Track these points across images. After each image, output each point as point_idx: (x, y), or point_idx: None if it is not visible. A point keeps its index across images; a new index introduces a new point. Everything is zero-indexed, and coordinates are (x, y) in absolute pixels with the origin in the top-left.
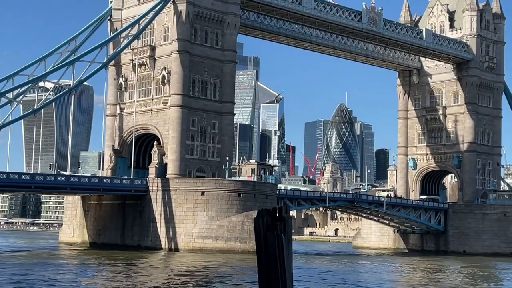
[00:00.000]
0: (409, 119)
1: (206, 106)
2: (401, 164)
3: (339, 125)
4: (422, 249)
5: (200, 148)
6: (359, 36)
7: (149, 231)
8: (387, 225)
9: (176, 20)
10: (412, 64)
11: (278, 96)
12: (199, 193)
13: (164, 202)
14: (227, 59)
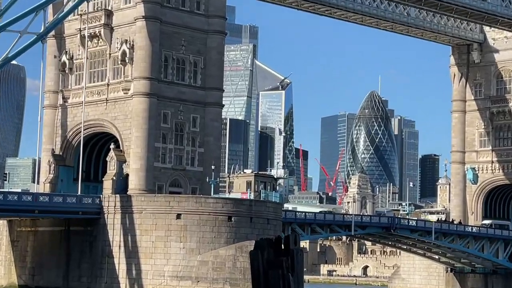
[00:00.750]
0: (467, 113)
1: (184, 95)
2: (456, 176)
3: (370, 121)
4: None
5: (175, 153)
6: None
7: (103, 269)
8: (437, 261)
9: None
10: (472, 36)
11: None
12: (174, 216)
13: (125, 228)
14: (212, 29)
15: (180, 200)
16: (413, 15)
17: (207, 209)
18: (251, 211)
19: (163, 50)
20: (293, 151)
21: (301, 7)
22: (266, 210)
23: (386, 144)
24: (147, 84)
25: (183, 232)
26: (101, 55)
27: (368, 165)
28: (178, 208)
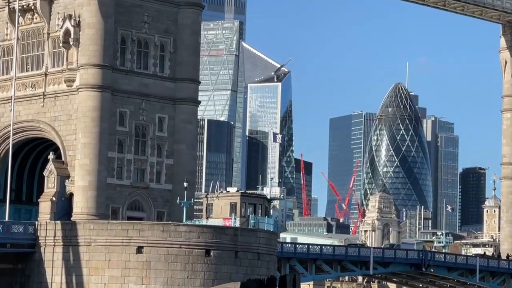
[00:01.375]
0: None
1: (147, 88)
2: (509, 196)
3: (394, 123)
4: None
5: (136, 166)
6: None
7: None
8: None
9: None
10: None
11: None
12: (133, 250)
13: (68, 266)
14: (185, 1)
15: (142, 229)
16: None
17: (177, 240)
18: (236, 243)
19: (119, 28)
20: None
21: None
22: (256, 242)
23: (415, 154)
24: (98, 74)
25: (145, 271)
26: (36, 35)
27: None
28: (139, 239)
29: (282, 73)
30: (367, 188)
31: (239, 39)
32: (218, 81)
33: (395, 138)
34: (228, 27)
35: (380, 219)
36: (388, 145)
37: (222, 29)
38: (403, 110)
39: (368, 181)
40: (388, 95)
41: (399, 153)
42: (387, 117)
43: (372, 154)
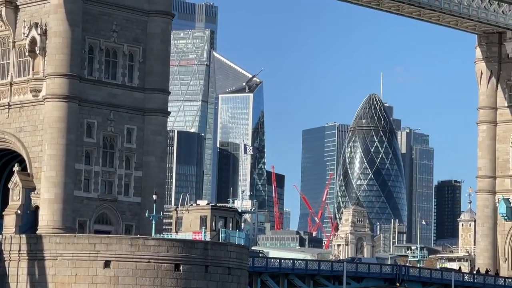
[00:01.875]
0: (498, 125)
1: (116, 98)
2: (484, 209)
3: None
4: None
5: (104, 178)
6: None
7: None
8: None
9: None
10: (505, 22)
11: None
12: (101, 264)
13: (33, 281)
14: (155, 9)
15: (110, 243)
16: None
17: (146, 254)
18: (206, 257)
19: (87, 37)
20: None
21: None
22: (227, 256)
23: (390, 167)
24: (65, 84)
25: (113, 286)
26: (1, 44)
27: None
28: (107, 253)
29: (254, 83)
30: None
31: (210, 49)
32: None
33: (369, 150)
34: (199, 36)
35: (353, 233)
36: (362, 158)
37: (193, 38)
38: (377, 121)
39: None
40: (362, 106)
41: (373, 165)
42: (361, 128)
43: (345, 167)
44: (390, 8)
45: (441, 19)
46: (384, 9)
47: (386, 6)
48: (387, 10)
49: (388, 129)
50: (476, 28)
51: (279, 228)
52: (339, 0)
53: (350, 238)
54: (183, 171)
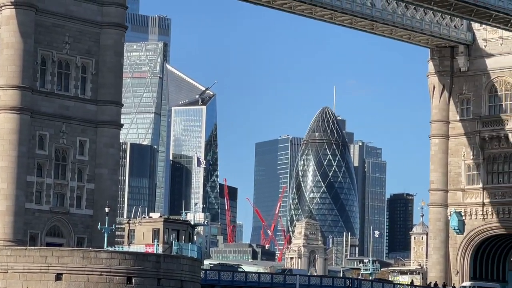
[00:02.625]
0: (450, 139)
1: (68, 110)
2: (436, 223)
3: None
4: None
5: (56, 191)
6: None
7: None
8: None
9: None
10: (457, 36)
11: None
12: (52, 277)
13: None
14: (108, 21)
15: (61, 255)
16: (379, 7)
17: (98, 267)
18: (158, 270)
19: (39, 49)
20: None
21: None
22: (180, 269)
23: (343, 180)
24: (17, 96)
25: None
26: None
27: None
28: (58, 266)
29: (207, 96)
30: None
31: (163, 61)
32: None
33: (322, 163)
34: (152, 48)
35: (306, 245)
36: (315, 170)
37: (146, 51)
38: (330, 134)
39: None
40: (315, 120)
41: (326, 178)
42: (314, 142)
43: (298, 180)
44: (343, 22)
45: (394, 33)
46: (337, 23)
47: (339, 20)
48: (341, 24)
49: (341, 142)
50: (428, 42)
51: (231, 241)
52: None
53: (302, 251)
54: (136, 183)
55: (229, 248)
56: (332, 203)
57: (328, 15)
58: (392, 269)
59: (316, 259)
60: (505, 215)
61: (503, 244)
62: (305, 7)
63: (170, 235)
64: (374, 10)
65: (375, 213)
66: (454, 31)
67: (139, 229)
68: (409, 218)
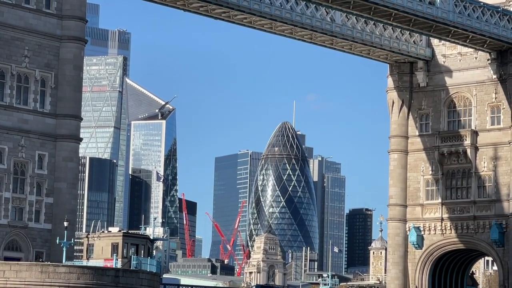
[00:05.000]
0: (409, 154)
1: (27, 124)
2: (395, 237)
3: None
4: None
5: (14, 205)
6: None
7: None
8: None
9: None
10: (416, 52)
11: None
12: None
13: None
14: (68, 35)
15: (20, 270)
16: (339, 22)
17: (57, 281)
18: (117, 284)
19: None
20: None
21: (188, 7)
22: (139, 283)
23: (302, 194)
24: None
25: None
26: None
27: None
28: (16, 280)
29: (166, 110)
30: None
31: (122, 75)
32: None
33: (282, 178)
34: (112, 62)
35: (265, 260)
36: (274, 185)
37: (105, 65)
38: (290, 149)
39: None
40: (274, 134)
41: (285, 193)
42: (274, 156)
43: (258, 194)
44: (303, 37)
45: (353, 48)
46: (297, 37)
47: (298, 35)
48: (300, 39)
49: (301, 157)
50: (388, 58)
51: (190, 255)
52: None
53: (262, 266)
54: (95, 197)
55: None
56: (291, 217)
57: (288, 30)
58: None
59: (275, 273)
60: (463, 230)
61: (461, 259)
62: (264, 22)
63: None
64: (333, 25)
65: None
66: (413, 46)
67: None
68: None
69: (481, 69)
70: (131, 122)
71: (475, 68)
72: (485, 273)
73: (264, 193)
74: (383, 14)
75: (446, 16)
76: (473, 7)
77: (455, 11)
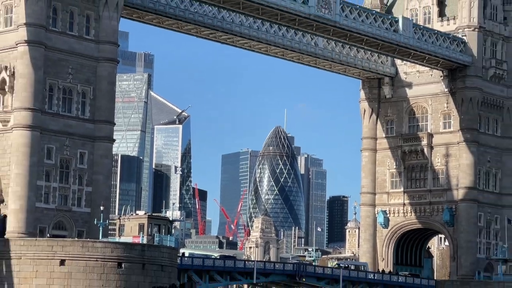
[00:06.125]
0: (378, 152)
1: (71, 128)
2: (366, 219)
3: (274, 159)
4: None
5: (60, 193)
6: (304, 26)
7: None
8: None
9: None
10: (383, 70)
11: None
12: (57, 263)
13: (1, 276)
14: (103, 56)
15: (65, 245)
16: (321, 46)
17: (94, 254)
18: (143, 256)
19: (47, 78)
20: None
21: (200, 34)
22: (160, 256)
23: (291, 184)
24: (29, 116)
25: (67, 280)
26: None
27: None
28: (62, 253)
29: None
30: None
31: (147, 89)
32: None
33: (275, 171)
34: (139, 78)
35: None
36: (269, 177)
37: (134, 80)
38: (282, 148)
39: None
40: (269, 136)
41: (278, 183)
42: (269, 154)
43: (256, 185)
44: (292, 58)
45: (333, 67)
46: (287, 58)
47: (289, 56)
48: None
49: (290, 155)
50: (360, 75)
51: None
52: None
53: (259, 242)
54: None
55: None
56: (283, 203)
57: (281, 52)
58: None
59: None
60: (421, 213)
61: (419, 236)
62: (261, 46)
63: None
64: (317, 49)
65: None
66: (380, 66)
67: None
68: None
69: (435, 84)
70: (154, 126)
71: (430, 83)
72: (438, 247)
73: (261, 183)
74: (357, 40)
75: (407, 41)
76: (429, 33)
77: (415, 37)
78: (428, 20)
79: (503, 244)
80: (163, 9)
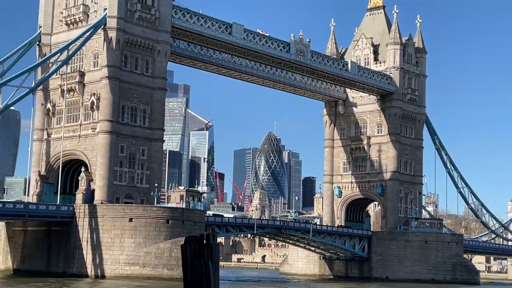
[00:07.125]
0: (334, 148)
1: (136, 133)
2: (327, 192)
3: (268, 153)
4: (346, 275)
5: (129, 175)
6: (287, 67)
7: (75, 258)
8: (313, 251)
9: (106, 46)
10: (338, 95)
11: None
12: (127, 220)
13: (91, 228)
14: (157, 86)
15: (132, 208)
16: (298, 79)
17: (151, 214)
18: (183, 216)
19: (121, 100)
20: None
21: (220, 72)
22: (194, 216)
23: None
24: (109, 125)
25: (133, 231)
26: (75, 104)
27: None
28: (130, 214)
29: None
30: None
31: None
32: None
33: (268, 161)
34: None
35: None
36: (265, 165)
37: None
38: (273, 146)
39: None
40: (265, 138)
41: (270, 169)
42: (264, 150)
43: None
44: (279, 88)
45: (305, 93)
46: (276, 88)
47: (277, 86)
48: (278, 88)
49: (279, 150)
50: (323, 98)
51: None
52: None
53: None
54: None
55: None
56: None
57: (272, 84)
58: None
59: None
60: (362, 188)
61: (361, 203)
62: (259, 79)
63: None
64: (295, 82)
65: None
66: (336, 92)
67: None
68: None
69: (372, 104)
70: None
71: (369, 103)
72: (374, 210)
73: (259, 169)
74: (321, 76)
75: (354, 77)
76: (368, 72)
77: (358, 74)
78: (367, 63)
79: (415, 208)
80: (196, 56)
